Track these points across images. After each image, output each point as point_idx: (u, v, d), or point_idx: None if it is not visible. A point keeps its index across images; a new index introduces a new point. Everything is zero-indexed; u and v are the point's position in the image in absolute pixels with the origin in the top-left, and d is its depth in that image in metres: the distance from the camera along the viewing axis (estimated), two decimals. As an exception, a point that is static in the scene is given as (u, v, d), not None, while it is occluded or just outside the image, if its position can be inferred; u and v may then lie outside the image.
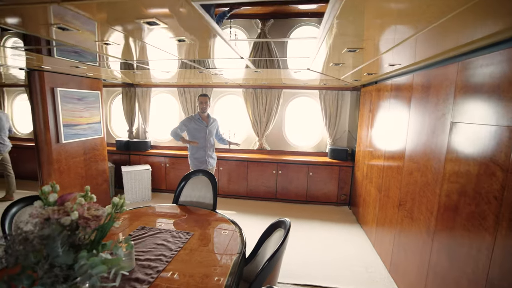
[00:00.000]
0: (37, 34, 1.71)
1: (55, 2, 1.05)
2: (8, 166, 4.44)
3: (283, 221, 1.67)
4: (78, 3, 1.07)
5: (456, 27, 1.26)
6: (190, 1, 1.00)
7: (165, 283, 1.40)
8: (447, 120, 1.82)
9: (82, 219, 1.03)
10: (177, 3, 1.02)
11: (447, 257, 1.78)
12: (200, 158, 3.58)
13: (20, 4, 1.13)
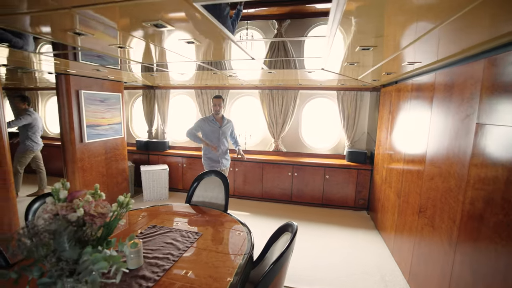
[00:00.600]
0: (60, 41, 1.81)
1: (67, 8, 1.10)
2: (40, 163, 4.75)
3: (290, 224, 1.62)
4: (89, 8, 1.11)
5: (483, 18, 1.15)
6: (192, 2, 1.00)
7: (170, 281, 1.41)
8: (472, 122, 1.68)
9: (88, 216, 1.07)
10: (179, 5, 1.03)
11: (470, 270, 1.64)
12: (213, 158, 3.59)
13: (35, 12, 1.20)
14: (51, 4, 1.07)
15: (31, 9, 1.17)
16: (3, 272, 0.93)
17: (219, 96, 3.56)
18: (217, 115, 3.57)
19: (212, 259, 1.64)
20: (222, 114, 3.66)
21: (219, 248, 1.80)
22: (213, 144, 3.54)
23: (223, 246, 1.83)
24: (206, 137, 3.58)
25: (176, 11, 1.11)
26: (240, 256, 1.67)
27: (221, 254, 1.72)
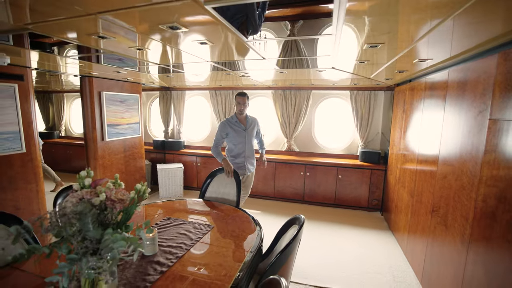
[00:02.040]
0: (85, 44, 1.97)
1: (93, 14, 1.21)
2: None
3: (298, 217, 1.67)
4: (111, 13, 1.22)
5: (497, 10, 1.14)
6: (203, 4, 1.09)
7: (182, 268, 1.49)
8: (485, 118, 1.66)
9: (109, 201, 1.17)
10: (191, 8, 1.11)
11: (484, 270, 1.61)
12: (239, 163, 3.18)
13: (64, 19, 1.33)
14: (79, 11, 1.19)
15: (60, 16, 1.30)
16: (38, 247, 1.05)
17: (243, 93, 3.11)
18: (240, 115, 3.16)
19: (222, 250, 1.71)
20: (246, 113, 3.23)
21: (229, 240, 1.87)
22: (239, 149, 3.15)
23: (233, 238, 1.90)
24: (231, 141, 3.17)
25: (189, 14, 1.21)
26: (249, 247, 1.73)
27: (231, 246, 1.79)
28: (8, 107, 2.62)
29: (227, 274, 1.45)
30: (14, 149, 2.70)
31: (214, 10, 1.13)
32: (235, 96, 3.16)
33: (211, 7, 1.11)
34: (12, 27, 1.44)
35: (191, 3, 1.07)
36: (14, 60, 2.57)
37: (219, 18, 1.22)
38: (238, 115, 3.17)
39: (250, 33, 1.87)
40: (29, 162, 2.86)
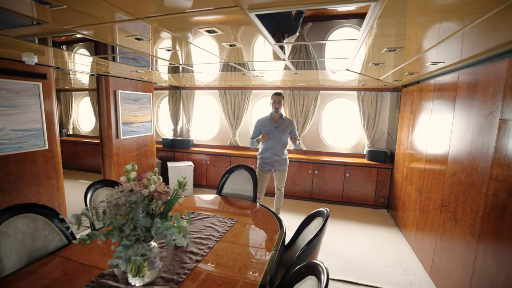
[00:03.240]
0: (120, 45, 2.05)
1: (140, 19, 1.32)
2: None
3: (322, 210, 1.78)
4: (159, 18, 1.32)
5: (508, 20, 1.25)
6: (247, 11, 1.19)
7: (215, 257, 1.60)
8: (496, 118, 1.77)
9: (156, 192, 1.28)
10: (235, 14, 1.22)
11: (494, 259, 1.72)
12: (266, 158, 3.42)
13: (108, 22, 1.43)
14: (127, 16, 1.29)
15: (108, 20, 1.40)
16: (97, 233, 1.15)
17: (279, 93, 3.35)
18: (276, 113, 3.37)
19: (249, 240, 1.82)
20: (281, 113, 3.43)
21: (255, 233, 1.98)
22: (268, 145, 3.39)
23: (258, 231, 2.00)
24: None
25: (230, 20, 1.31)
26: (275, 239, 1.84)
27: (258, 237, 1.89)
28: (33, 105, 2.72)
29: (259, 263, 1.56)
30: (38, 146, 2.80)
31: (256, 16, 1.23)
32: (271, 96, 3.40)
33: (254, 14, 1.21)
34: (56, 29, 1.54)
35: (236, 10, 1.18)
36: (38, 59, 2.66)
37: (258, 24, 1.32)
38: (273, 113, 3.42)
39: (287, 36, 1.98)
40: (51, 158, 2.96)
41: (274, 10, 1.16)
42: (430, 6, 1.15)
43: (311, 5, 1.16)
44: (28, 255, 1.62)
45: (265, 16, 1.27)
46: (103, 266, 1.47)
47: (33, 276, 1.40)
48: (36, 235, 1.69)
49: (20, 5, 1.19)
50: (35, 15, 1.31)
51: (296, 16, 2.22)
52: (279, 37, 1.78)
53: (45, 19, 1.37)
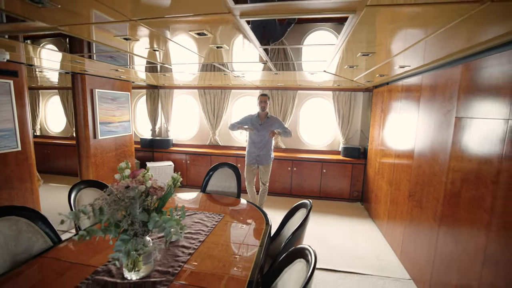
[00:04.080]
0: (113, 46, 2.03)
1: (133, 20, 1.35)
2: None
3: (305, 202, 1.92)
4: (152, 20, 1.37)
5: (462, 31, 1.47)
6: (238, 17, 1.28)
7: (207, 249, 1.67)
8: (452, 116, 2.03)
9: (152, 188, 1.33)
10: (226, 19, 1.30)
11: (452, 239, 1.98)
12: (251, 153, 3.70)
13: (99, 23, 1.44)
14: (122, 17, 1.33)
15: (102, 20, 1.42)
16: (96, 229, 1.18)
17: (264, 94, 3.68)
18: (262, 111, 3.66)
19: (238, 233, 1.91)
20: (267, 112, 3.71)
21: (243, 226, 2.07)
22: (253, 140, 3.63)
23: (246, 224, 2.10)
24: (251, 133, 3.68)
25: (221, 25, 1.39)
26: (261, 230, 1.95)
27: (246, 230, 1.99)
28: (4, 104, 2.58)
29: (249, 253, 1.66)
30: (10, 147, 2.66)
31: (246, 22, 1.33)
32: (258, 96, 3.69)
33: (244, 20, 1.31)
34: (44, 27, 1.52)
35: (227, 16, 1.26)
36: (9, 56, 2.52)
37: (246, 29, 1.42)
38: (260, 112, 3.69)
39: (272, 41, 2.10)
40: (24, 160, 2.82)
41: (262, 18, 1.26)
42: (399, 17, 1.33)
43: (295, 14, 1.28)
44: (12, 259, 1.58)
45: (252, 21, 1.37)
46: (95, 264, 1.49)
47: (21, 278, 1.38)
48: (19, 238, 1.65)
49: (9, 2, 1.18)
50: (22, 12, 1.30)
51: (285, 25, 2.37)
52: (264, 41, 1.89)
53: (31, 17, 1.36)
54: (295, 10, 1.22)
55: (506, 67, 1.55)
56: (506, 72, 1.55)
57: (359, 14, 1.22)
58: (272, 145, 3.76)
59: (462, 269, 1.82)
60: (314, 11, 1.22)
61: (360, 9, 1.17)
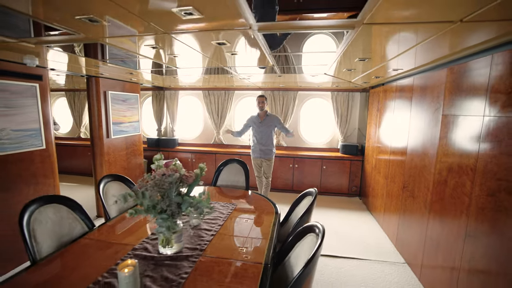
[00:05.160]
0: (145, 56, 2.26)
1: (166, 33, 1.60)
2: None
3: (311, 190, 2.17)
4: (183, 34, 1.61)
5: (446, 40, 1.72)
6: (256, 32, 1.53)
7: (227, 231, 1.92)
8: (439, 114, 2.30)
9: (184, 176, 1.57)
10: (245, 33, 1.55)
11: (439, 223, 2.24)
12: (254, 148, 4.12)
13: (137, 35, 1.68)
14: (156, 30, 1.57)
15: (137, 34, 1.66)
16: (140, 210, 1.42)
17: (262, 95, 4.06)
18: (261, 111, 4.03)
19: (252, 217, 2.16)
20: (266, 110, 4.09)
21: (254, 213, 2.32)
22: (256, 137, 4.06)
23: (257, 212, 2.35)
24: (253, 130, 4.11)
25: (240, 37, 1.64)
26: (272, 217, 2.20)
27: (258, 217, 2.24)
28: (31, 106, 2.80)
29: (264, 233, 1.90)
30: (36, 146, 2.88)
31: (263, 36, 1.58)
32: (256, 98, 4.06)
33: (261, 34, 1.56)
34: (87, 39, 1.75)
35: (248, 31, 1.51)
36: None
37: (262, 40, 1.67)
38: (259, 111, 4.05)
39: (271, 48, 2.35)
40: (47, 158, 3.04)
41: (275, 31, 1.51)
42: (390, 32, 1.59)
43: (305, 29, 1.53)
44: (58, 240, 1.81)
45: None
46: (131, 243, 1.72)
47: (70, 254, 1.61)
48: (62, 223, 1.88)
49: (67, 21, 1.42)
50: (72, 26, 1.53)
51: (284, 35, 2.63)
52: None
53: (79, 31, 1.59)
54: (305, 27, 1.47)
55: (482, 71, 1.81)
56: (482, 75, 1.81)
57: (357, 30, 1.48)
58: (273, 141, 4.13)
59: (448, 248, 2.08)
60: (321, 27, 1.48)
61: (358, 26, 1.43)
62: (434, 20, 1.34)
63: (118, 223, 2.07)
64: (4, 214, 2.61)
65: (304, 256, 1.44)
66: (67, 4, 1.22)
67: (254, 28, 1.48)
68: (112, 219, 2.12)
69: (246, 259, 1.57)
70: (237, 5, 1.16)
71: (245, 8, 1.19)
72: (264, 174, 4.19)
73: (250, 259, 1.56)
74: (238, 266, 1.50)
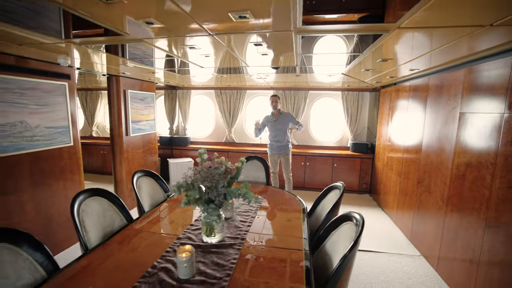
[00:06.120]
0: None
1: (211, 35, 1.70)
2: None
3: (337, 184, 2.28)
4: (225, 35, 1.72)
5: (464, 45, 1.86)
6: (296, 34, 1.65)
7: (261, 223, 2.03)
8: (457, 111, 2.41)
9: (229, 168, 1.68)
10: (286, 35, 1.66)
11: (458, 214, 2.36)
12: (271, 145, 4.29)
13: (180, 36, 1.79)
14: (204, 32, 1.68)
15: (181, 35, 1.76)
16: (185, 201, 1.53)
17: (275, 95, 4.24)
18: (274, 109, 4.21)
19: (281, 209, 2.27)
20: (279, 109, 4.26)
21: (281, 204, 2.43)
22: (271, 135, 4.24)
23: (283, 203, 2.46)
24: (268, 129, 4.28)
25: (280, 38, 1.75)
26: (299, 207, 2.31)
27: (285, 206, 2.35)
28: (61, 104, 2.90)
29: (296, 224, 2.02)
30: (65, 143, 2.98)
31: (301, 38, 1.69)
32: (269, 97, 4.25)
33: (300, 36, 1.67)
34: (132, 40, 1.86)
35: (288, 33, 1.63)
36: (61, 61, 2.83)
37: (297, 44, 1.78)
38: (273, 110, 4.24)
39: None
40: (74, 154, 3.14)
41: (314, 34, 1.62)
42: (419, 35, 1.70)
43: (340, 33, 1.64)
44: (102, 230, 1.92)
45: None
46: (174, 233, 1.83)
47: (122, 243, 1.72)
48: (105, 214, 1.99)
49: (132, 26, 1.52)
50: (122, 28, 1.64)
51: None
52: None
53: (131, 33, 1.70)
54: (342, 30, 1.58)
55: (501, 71, 1.93)
56: (501, 75, 1.93)
57: (390, 33, 1.59)
58: (288, 137, 4.28)
59: (467, 239, 2.20)
60: (356, 30, 1.59)
61: (392, 30, 1.54)
62: (464, 24, 1.45)
63: (154, 216, 2.17)
64: (40, 208, 2.72)
65: (343, 242, 1.56)
66: (129, 9, 1.33)
67: (295, 31, 1.59)
68: (147, 212, 2.23)
69: (286, 246, 1.68)
70: (289, 9, 1.27)
71: (297, 11, 1.30)
72: (284, 172, 4.36)
73: (291, 246, 1.67)
74: (280, 252, 1.61)
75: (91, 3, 1.24)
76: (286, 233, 1.88)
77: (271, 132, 4.26)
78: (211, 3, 1.23)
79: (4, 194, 2.38)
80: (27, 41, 1.99)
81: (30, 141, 2.59)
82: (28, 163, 2.60)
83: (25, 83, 2.50)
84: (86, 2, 1.26)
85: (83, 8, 1.36)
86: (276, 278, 1.36)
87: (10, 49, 2.24)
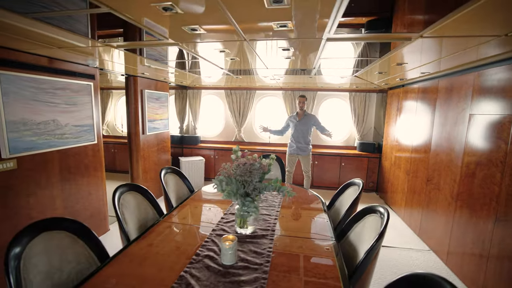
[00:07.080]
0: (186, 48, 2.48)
1: (245, 40, 1.83)
2: None
3: (355, 180, 2.42)
4: (260, 39, 1.85)
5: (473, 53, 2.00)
6: (323, 40, 1.78)
7: (286, 216, 2.16)
8: (466, 113, 2.56)
9: (261, 164, 1.81)
10: (316, 41, 1.80)
11: (467, 210, 2.50)
12: (291, 145, 4.39)
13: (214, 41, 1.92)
14: (240, 38, 1.80)
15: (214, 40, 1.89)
16: (231, 193, 1.66)
17: (303, 95, 4.32)
18: (300, 110, 4.32)
19: (302, 204, 2.40)
20: (305, 110, 4.36)
21: (301, 200, 2.56)
22: (293, 135, 4.33)
23: (304, 199, 2.59)
24: (291, 129, 4.39)
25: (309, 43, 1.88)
26: (318, 202, 2.44)
27: (306, 201, 2.48)
28: (87, 103, 3.02)
29: (319, 217, 2.15)
30: (90, 140, 3.10)
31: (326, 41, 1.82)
32: (297, 97, 4.38)
33: (325, 41, 1.80)
34: (169, 44, 1.98)
35: (316, 40, 1.76)
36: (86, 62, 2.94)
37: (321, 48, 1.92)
38: (299, 111, 4.36)
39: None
40: (97, 152, 3.26)
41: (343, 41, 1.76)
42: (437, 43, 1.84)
43: (366, 40, 1.77)
44: (138, 223, 2.05)
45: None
46: (209, 225, 1.96)
47: (162, 234, 1.84)
48: (140, 207, 2.12)
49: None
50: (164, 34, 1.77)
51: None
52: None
53: (172, 38, 1.83)
54: (368, 37, 1.72)
55: (510, 75, 2.07)
56: (510, 78, 2.07)
57: (412, 42, 1.73)
58: (309, 139, 4.37)
59: (477, 232, 2.35)
60: (382, 38, 1.72)
61: (415, 39, 1.68)
62: (481, 34, 1.59)
63: (184, 211, 2.30)
64: (68, 203, 2.84)
65: (368, 232, 1.69)
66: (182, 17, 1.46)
67: (324, 38, 1.73)
68: (177, 207, 2.35)
69: (314, 235, 1.81)
70: (328, 20, 1.41)
71: (333, 22, 1.43)
72: (304, 170, 4.48)
73: (318, 236, 1.81)
74: (310, 241, 1.75)
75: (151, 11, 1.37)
76: (311, 225, 2.01)
77: (293, 132, 4.36)
78: (258, 15, 1.36)
79: (40, 189, 2.50)
80: (65, 44, 2.12)
81: (60, 139, 2.71)
82: (57, 160, 2.72)
83: (57, 83, 2.62)
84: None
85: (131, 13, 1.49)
86: (310, 263, 1.49)
87: (44, 50, 2.36)
